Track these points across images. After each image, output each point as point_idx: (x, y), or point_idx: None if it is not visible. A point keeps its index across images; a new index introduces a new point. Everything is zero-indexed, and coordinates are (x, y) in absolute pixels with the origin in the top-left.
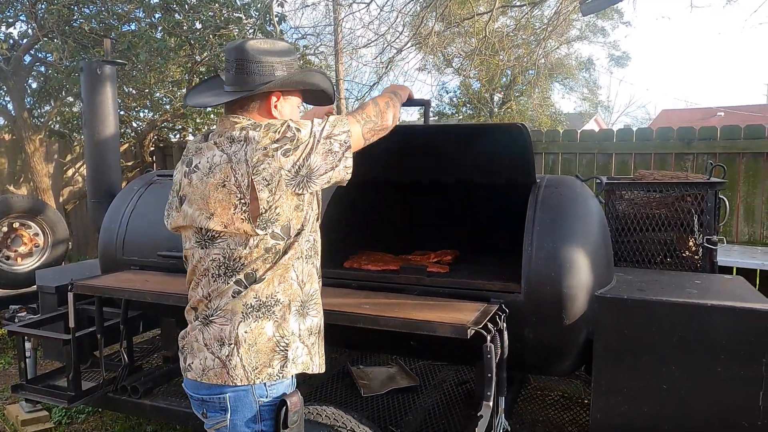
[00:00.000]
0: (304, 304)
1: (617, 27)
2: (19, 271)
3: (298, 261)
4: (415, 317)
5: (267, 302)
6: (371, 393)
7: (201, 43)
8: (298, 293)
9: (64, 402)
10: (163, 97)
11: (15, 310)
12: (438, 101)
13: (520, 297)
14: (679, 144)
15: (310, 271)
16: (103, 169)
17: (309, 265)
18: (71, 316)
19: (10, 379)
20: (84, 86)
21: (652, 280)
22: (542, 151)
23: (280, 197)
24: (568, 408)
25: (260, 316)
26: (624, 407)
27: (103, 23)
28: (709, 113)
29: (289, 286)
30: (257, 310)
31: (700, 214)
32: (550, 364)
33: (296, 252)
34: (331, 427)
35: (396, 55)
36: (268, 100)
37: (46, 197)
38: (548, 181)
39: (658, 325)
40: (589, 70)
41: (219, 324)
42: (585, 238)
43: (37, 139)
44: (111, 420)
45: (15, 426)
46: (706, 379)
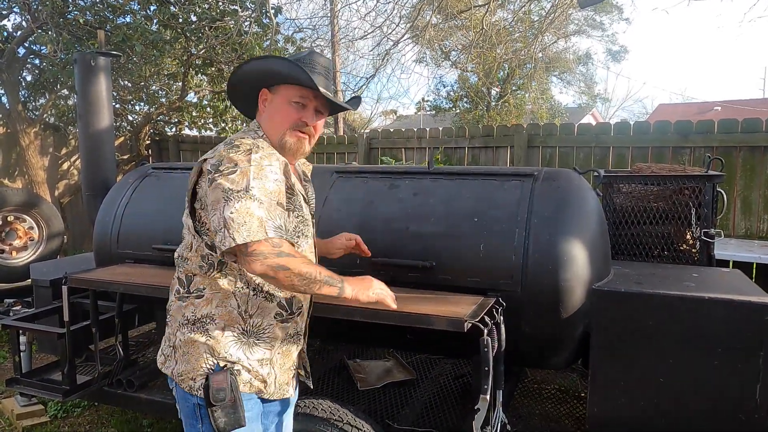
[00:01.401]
0: (249, 334)
1: (615, 22)
2: (13, 264)
3: (242, 292)
4: (413, 310)
5: (202, 320)
6: (368, 386)
7: (196, 35)
8: (239, 322)
9: (59, 396)
10: (159, 89)
11: (10, 303)
12: (435, 95)
13: (517, 290)
14: (677, 138)
15: (262, 305)
16: (98, 162)
17: (259, 299)
18: (65, 310)
19: (5, 373)
20: (78, 78)
21: (649, 273)
22: (539, 145)
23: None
24: (565, 401)
25: (195, 330)
26: (621, 400)
27: (98, 15)
28: (705, 108)
29: (227, 313)
30: (192, 324)
31: (698, 207)
32: (547, 357)
33: (239, 282)
34: (327, 420)
35: (393, 48)
36: (258, 98)
37: (41, 191)
38: (546, 173)
39: (655, 318)
40: (587, 64)
41: (168, 323)
42: (582, 231)
43: (31, 132)
44: (107, 414)
45: (10, 420)
46: (703, 372)
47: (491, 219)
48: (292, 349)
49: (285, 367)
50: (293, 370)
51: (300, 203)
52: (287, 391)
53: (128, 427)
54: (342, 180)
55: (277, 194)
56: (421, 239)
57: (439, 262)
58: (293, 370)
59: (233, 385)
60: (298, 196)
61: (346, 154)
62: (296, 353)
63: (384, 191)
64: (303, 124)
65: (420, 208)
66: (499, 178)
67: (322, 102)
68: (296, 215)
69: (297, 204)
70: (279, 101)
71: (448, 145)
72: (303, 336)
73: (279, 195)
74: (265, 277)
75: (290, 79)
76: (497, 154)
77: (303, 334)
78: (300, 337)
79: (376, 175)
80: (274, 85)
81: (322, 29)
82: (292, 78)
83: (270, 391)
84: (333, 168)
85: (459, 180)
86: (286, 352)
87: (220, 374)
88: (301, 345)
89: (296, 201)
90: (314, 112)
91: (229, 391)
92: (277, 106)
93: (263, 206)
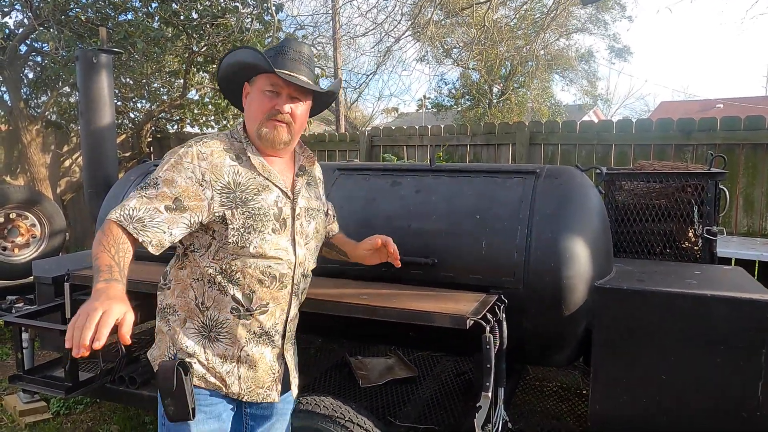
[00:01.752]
0: (209, 328)
1: (618, 20)
2: (16, 261)
3: (198, 283)
4: (414, 308)
5: (166, 309)
6: (369, 384)
7: (198, 32)
8: (197, 314)
9: (61, 393)
10: (160, 87)
11: (12, 300)
12: (437, 93)
13: (520, 287)
14: (679, 135)
15: (217, 298)
16: (100, 159)
17: (214, 291)
18: (68, 307)
19: (8, 370)
20: (80, 75)
21: (651, 270)
22: (541, 142)
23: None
24: (566, 399)
25: (161, 318)
26: (623, 398)
27: (100, 12)
28: (707, 105)
29: (186, 303)
30: (160, 313)
31: (701, 205)
32: (549, 354)
33: (195, 273)
34: (329, 417)
35: (394, 45)
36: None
37: (43, 188)
38: (548, 171)
39: (657, 316)
40: (589, 62)
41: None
42: (585, 229)
43: (33, 129)
44: (109, 410)
45: (13, 416)
46: (705, 370)
47: (493, 216)
48: (265, 351)
49: (257, 368)
50: (273, 374)
51: (249, 197)
52: (267, 395)
53: (130, 424)
54: (344, 177)
55: (183, 190)
56: (423, 236)
57: (441, 260)
58: (273, 374)
59: (180, 377)
60: (248, 191)
61: (348, 151)
62: (271, 356)
63: (386, 188)
64: (276, 112)
65: (422, 206)
66: (501, 175)
67: (296, 88)
68: (242, 211)
69: (241, 199)
70: (254, 93)
71: (450, 142)
72: (280, 339)
73: (185, 191)
74: None
75: (257, 68)
76: (499, 151)
77: (277, 337)
78: (271, 339)
79: (378, 173)
80: (252, 78)
81: (324, 26)
82: (257, 67)
83: (234, 391)
84: (335, 165)
85: (461, 177)
86: (257, 354)
87: (168, 363)
88: (277, 349)
89: (241, 197)
90: (288, 98)
91: (173, 382)
92: (252, 97)
93: (145, 198)
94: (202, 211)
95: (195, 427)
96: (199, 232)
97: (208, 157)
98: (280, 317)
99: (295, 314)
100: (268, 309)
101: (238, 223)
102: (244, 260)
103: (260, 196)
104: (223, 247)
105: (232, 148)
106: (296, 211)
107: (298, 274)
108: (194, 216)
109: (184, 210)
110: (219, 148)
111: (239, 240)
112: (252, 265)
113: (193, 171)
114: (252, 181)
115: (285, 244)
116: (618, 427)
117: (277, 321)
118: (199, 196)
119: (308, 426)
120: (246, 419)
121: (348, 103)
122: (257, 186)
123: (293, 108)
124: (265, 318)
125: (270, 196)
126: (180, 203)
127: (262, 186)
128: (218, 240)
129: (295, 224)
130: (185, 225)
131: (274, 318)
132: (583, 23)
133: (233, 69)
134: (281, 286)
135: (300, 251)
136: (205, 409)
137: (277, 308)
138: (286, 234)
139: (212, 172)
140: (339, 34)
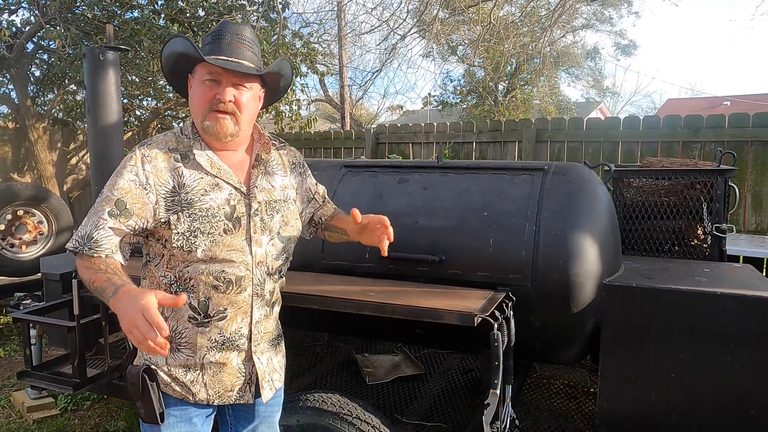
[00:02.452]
0: (170, 338)
1: (624, 17)
2: (23, 258)
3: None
4: (422, 305)
5: None
6: (376, 381)
7: (204, 30)
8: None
9: (69, 389)
10: (166, 84)
11: (20, 297)
12: (442, 89)
13: (527, 285)
14: (687, 132)
15: (174, 308)
16: (107, 156)
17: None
18: (75, 303)
19: (16, 366)
20: (87, 72)
21: (660, 268)
22: (548, 140)
23: None
24: (574, 397)
25: None
26: (631, 396)
27: (106, 10)
28: (715, 102)
29: None
30: None
31: (710, 202)
32: (556, 352)
33: (153, 283)
34: (336, 414)
35: (399, 42)
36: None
37: (50, 185)
38: (556, 168)
39: (666, 314)
40: (595, 59)
41: None
42: (593, 226)
43: (40, 127)
44: (116, 407)
45: (21, 412)
46: (714, 368)
47: (501, 213)
48: (230, 357)
49: (223, 373)
50: (241, 377)
51: (195, 199)
52: (240, 397)
53: (137, 420)
54: (350, 174)
55: (125, 192)
56: (430, 233)
57: (449, 257)
58: (241, 377)
59: (145, 383)
60: (194, 192)
61: (353, 149)
62: (237, 361)
63: (393, 186)
64: (217, 102)
65: (429, 203)
66: (509, 172)
67: (236, 74)
68: (188, 214)
69: (187, 201)
70: (194, 84)
71: (456, 139)
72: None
73: (127, 193)
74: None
75: (191, 58)
76: (505, 149)
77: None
78: (234, 344)
79: (385, 170)
80: (192, 69)
81: (329, 23)
82: (190, 56)
83: (202, 398)
84: (341, 162)
85: (468, 174)
86: (221, 359)
87: (134, 369)
88: (244, 352)
89: (187, 198)
90: (230, 86)
91: (139, 388)
92: (193, 89)
93: (91, 210)
94: (147, 216)
95: (165, 429)
96: (152, 242)
97: (152, 161)
98: (243, 321)
99: (263, 315)
100: (226, 315)
101: (183, 227)
102: (196, 266)
103: (208, 196)
104: (174, 254)
105: (180, 148)
106: (253, 207)
107: (259, 274)
108: (139, 221)
109: (129, 215)
110: (163, 150)
111: (185, 244)
112: (204, 271)
113: (137, 174)
114: (199, 182)
115: (240, 244)
116: (626, 426)
117: (240, 325)
118: (143, 200)
119: (316, 423)
120: (230, 420)
121: (353, 101)
122: (204, 186)
123: (236, 95)
124: (224, 324)
125: (220, 195)
126: (123, 206)
127: (210, 185)
128: (168, 249)
129: (251, 222)
130: (131, 233)
131: (235, 323)
132: (588, 19)
133: (171, 60)
134: (239, 290)
135: (258, 250)
136: (176, 413)
137: (238, 312)
138: (240, 233)
139: (156, 175)
140: (344, 32)
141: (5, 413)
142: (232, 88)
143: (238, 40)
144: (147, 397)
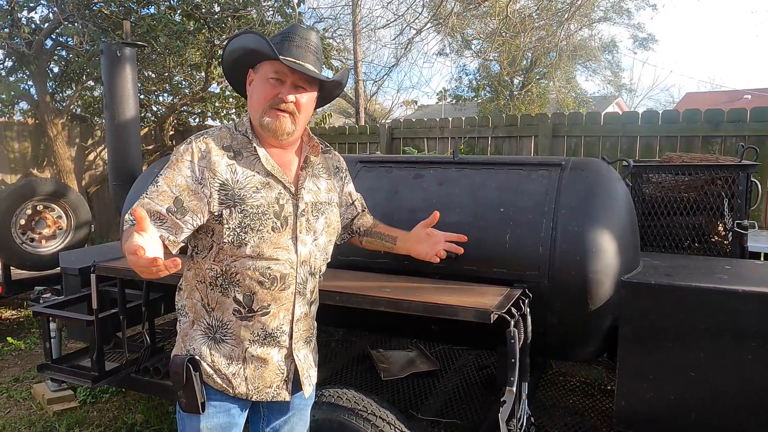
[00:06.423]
0: (214, 329)
1: (642, 8)
2: (43, 253)
3: (202, 285)
4: (438, 301)
5: (180, 310)
6: (391, 377)
7: (219, 26)
8: (203, 315)
9: (87, 382)
10: (182, 80)
11: (40, 291)
12: (457, 84)
13: (544, 281)
14: (707, 126)
15: (219, 300)
16: (124, 152)
17: (216, 293)
18: (94, 298)
19: (36, 359)
20: (104, 68)
21: (679, 265)
22: (564, 134)
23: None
24: (590, 394)
25: (178, 318)
26: (649, 394)
27: (123, 6)
28: (735, 96)
29: (193, 305)
30: (177, 313)
31: (731, 198)
32: (573, 349)
33: (198, 275)
34: (351, 410)
35: (415, 36)
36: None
37: (68, 180)
38: (573, 163)
39: (686, 311)
40: (612, 52)
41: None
42: (611, 222)
43: (59, 123)
44: (134, 400)
45: (41, 404)
46: (735, 367)
47: (518, 209)
48: (272, 352)
49: (265, 369)
50: (280, 374)
51: (247, 195)
52: (277, 394)
53: (154, 413)
54: (366, 170)
55: (182, 188)
56: (446, 229)
57: (465, 253)
58: (280, 374)
59: (189, 373)
60: (246, 188)
61: (368, 144)
62: (278, 357)
63: (409, 181)
64: (279, 101)
65: (445, 198)
66: (526, 167)
67: (301, 76)
68: (239, 209)
69: (239, 197)
70: (257, 80)
71: (471, 134)
72: (288, 339)
73: (183, 189)
74: None
75: (261, 55)
76: (521, 143)
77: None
78: (276, 340)
79: (400, 165)
80: (256, 65)
81: (344, 18)
82: (261, 53)
83: (241, 392)
84: (357, 158)
85: (485, 170)
86: (263, 354)
87: (179, 358)
88: (285, 349)
89: (239, 194)
90: (293, 87)
91: (183, 377)
92: (255, 85)
93: (146, 199)
94: (202, 211)
95: (204, 419)
96: (201, 234)
97: (207, 155)
98: (285, 318)
99: (303, 313)
100: (269, 310)
101: (234, 222)
102: (243, 261)
103: (259, 193)
104: (223, 248)
105: (234, 143)
106: (300, 208)
107: (302, 273)
108: (195, 218)
109: (185, 212)
110: (217, 145)
111: (235, 240)
112: (250, 267)
113: (192, 169)
114: (251, 179)
115: (286, 243)
116: (643, 424)
117: (282, 322)
118: (198, 194)
119: (331, 418)
120: (263, 411)
121: (368, 96)
122: (256, 183)
123: (298, 97)
124: (267, 319)
125: (271, 194)
126: (180, 204)
127: (262, 183)
128: (218, 242)
129: (298, 221)
130: (189, 229)
131: (277, 319)
132: (606, 12)
133: (237, 54)
134: (283, 287)
135: (303, 249)
136: (215, 403)
137: (280, 309)
138: (287, 232)
139: (210, 169)
140: (359, 27)
141: (26, 405)
142: (294, 88)
143: (306, 44)
144: (190, 386)
